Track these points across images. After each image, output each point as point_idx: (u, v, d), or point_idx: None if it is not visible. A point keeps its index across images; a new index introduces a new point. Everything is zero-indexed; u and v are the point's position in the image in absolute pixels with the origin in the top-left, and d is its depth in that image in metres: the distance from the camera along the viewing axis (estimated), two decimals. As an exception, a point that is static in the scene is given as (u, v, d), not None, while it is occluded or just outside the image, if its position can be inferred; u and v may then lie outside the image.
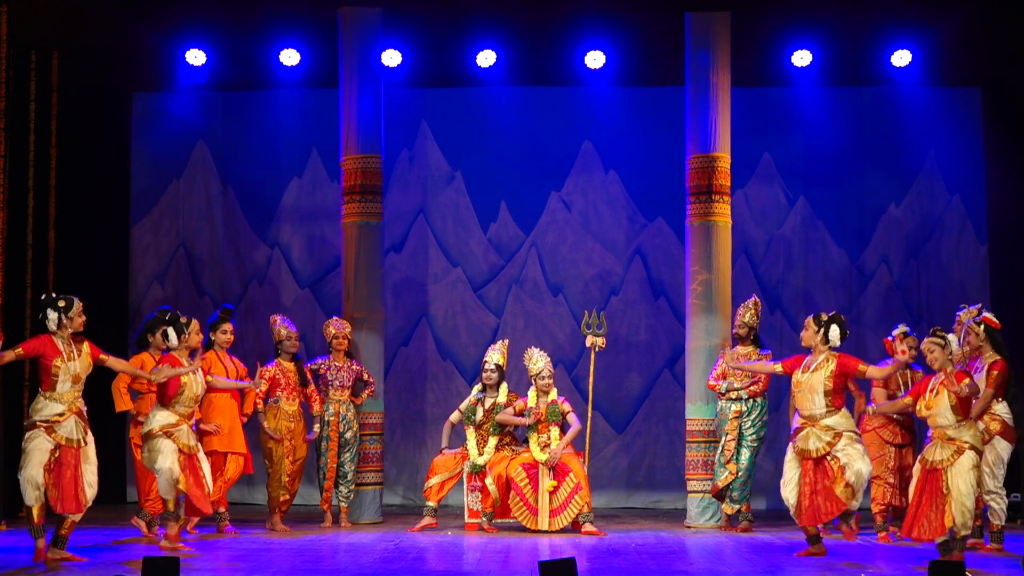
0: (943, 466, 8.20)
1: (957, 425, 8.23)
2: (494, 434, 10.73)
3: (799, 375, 8.85)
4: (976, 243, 13.02)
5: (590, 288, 13.27)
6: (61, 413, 8.51)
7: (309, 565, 8.44)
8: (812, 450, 8.69)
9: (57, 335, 8.58)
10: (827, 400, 8.70)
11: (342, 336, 11.01)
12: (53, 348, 8.54)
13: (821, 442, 8.67)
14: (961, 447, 8.19)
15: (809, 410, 8.74)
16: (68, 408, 8.54)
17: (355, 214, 11.48)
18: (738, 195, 12.58)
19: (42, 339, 8.60)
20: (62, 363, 8.51)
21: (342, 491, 10.98)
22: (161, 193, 13.43)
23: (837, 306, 12.89)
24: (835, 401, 8.73)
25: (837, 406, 8.73)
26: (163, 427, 8.99)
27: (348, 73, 11.55)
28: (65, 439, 8.51)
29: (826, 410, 8.70)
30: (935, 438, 8.30)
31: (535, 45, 12.78)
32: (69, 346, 8.59)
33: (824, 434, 8.67)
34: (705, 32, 11.37)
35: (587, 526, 10.32)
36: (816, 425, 8.70)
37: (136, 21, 12.18)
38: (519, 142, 13.33)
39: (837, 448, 8.63)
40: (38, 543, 8.46)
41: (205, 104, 13.37)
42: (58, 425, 8.49)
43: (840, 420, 8.70)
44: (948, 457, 8.19)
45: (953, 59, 12.58)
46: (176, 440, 8.97)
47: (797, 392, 8.85)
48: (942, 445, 8.25)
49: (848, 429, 8.70)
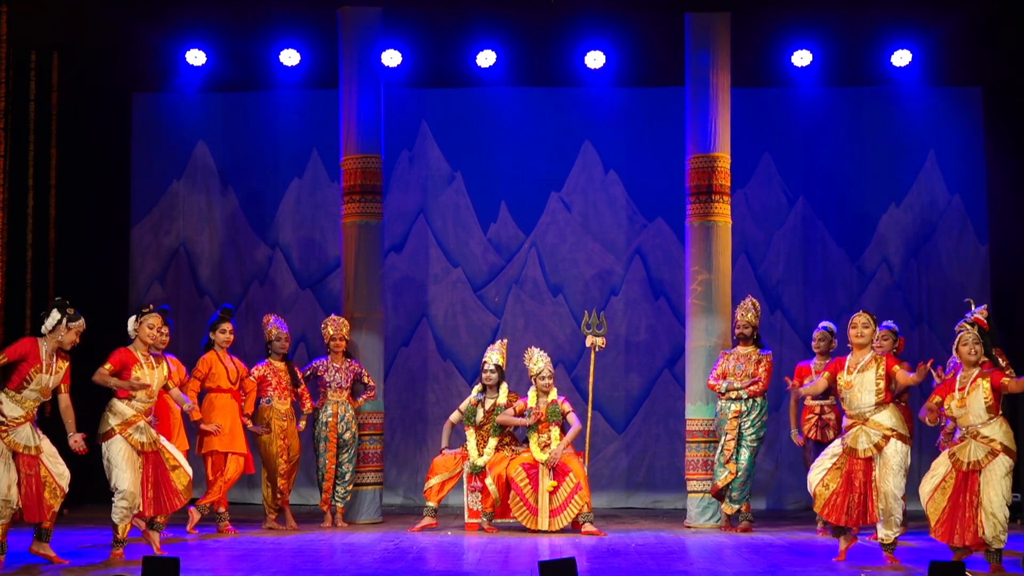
0: (979, 468, 8.10)
1: (989, 422, 8.13)
2: (494, 435, 10.73)
3: (845, 376, 8.70)
4: (976, 243, 13.02)
5: (590, 288, 13.27)
6: (17, 418, 8.33)
7: (309, 565, 8.44)
8: (860, 450, 8.57)
9: (44, 340, 8.42)
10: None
11: (340, 337, 11.02)
12: (35, 355, 8.37)
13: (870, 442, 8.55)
14: (995, 449, 8.09)
15: (858, 408, 8.62)
16: (26, 415, 8.37)
17: (355, 214, 11.48)
18: (738, 195, 12.58)
19: (26, 343, 8.45)
20: (37, 373, 8.35)
21: (339, 491, 10.98)
22: (161, 193, 13.43)
23: (837, 306, 12.91)
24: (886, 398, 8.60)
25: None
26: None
27: (348, 73, 11.55)
28: (23, 447, 8.31)
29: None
30: (967, 436, 8.17)
31: (535, 45, 12.79)
32: (51, 358, 8.42)
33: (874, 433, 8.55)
34: (705, 32, 11.37)
35: (587, 526, 10.32)
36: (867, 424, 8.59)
37: (136, 21, 12.19)
38: (519, 142, 13.34)
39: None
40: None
41: (205, 104, 13.37)
42: (11, 430, 8.30)
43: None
44: (984, 458, 8.11)
45: (953, 59, 12.58)
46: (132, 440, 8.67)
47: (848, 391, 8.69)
48: (976, 445, 8.14)
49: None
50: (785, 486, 12.88)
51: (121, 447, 8.58)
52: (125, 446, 8.59)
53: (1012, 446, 8.14)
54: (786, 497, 12.87)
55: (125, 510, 8.58)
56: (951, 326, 9.62)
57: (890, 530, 8.51)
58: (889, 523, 8.49)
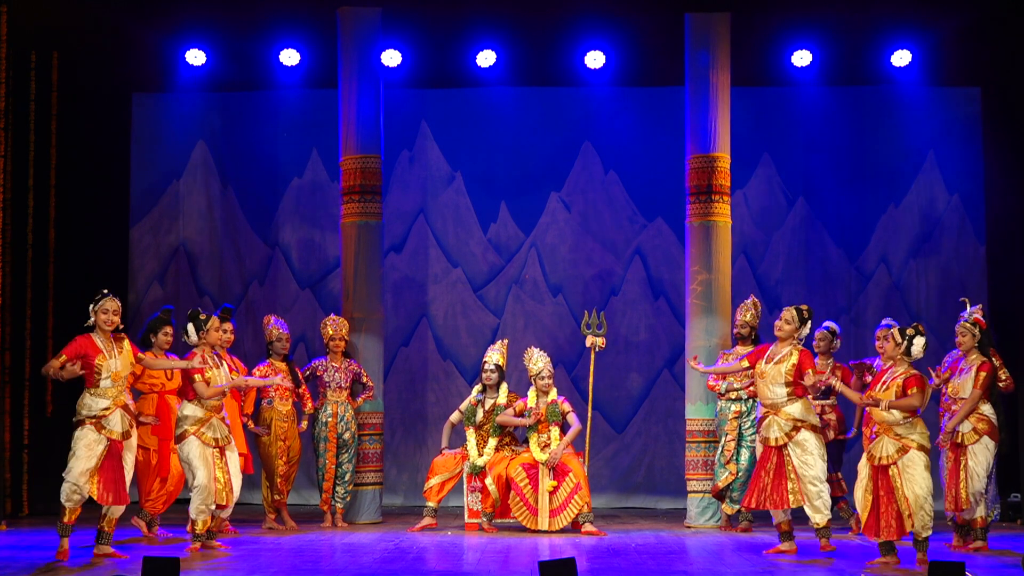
0: (889, 463, 8.39)
1: (903, 422, 8.39)
2: (494, 435, 10.73)
3: (762, 365, 9.12)
4: (975, 243, 13.02)
5: (590, 288, 13.27)
6: (106, 408, 8.66)
7: (309, 565, 8.45)
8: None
9: (96, 332, 8.73)
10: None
11: (339, 337, 11.02)
12: (93, 347, 8.65)
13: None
14: (907, 446, 8.35)
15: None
16: (114, 403, 8.71)
17: (355, 214, 11.49)
18: (738, 195, 12.59)
19: (77, 340, 8.71)
20: (103, 361, 8.66)
21: (339, 492, 10.98)
22: (161, 193, 13.43)
23: (836, 307, 12.92)
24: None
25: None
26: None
27: (348, 73, 11.55)
28: (119, 433, 8.71)
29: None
30: (880, 433, 8.46)
31: (535, 45, 12.78)
32: (108, 344, 8.75)
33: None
34: (705, 32, 11.37)
35: (587, 526, 10.33)
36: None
37: (136, 21, 12.19)
38: (519, 142, 13.34)
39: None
40: (64, 543, 8.58)
41: (205, 104, 13.37)
42: (104, 419, 8.66)
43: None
44: (893, 454, 8.38)
45: (953, 59, 12.58)
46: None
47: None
48: (889, 441, 8.41)
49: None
50: (785, 486, 12.87)
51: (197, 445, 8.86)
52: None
53: (928, 445, 8.42)
54: (786, 497, 12.85)
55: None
56: (950, 326, 9.65)
57: (819, 514, 8.92)
58: (816, 507, 8.91)
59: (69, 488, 8.58)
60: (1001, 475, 10.59)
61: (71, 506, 8.60)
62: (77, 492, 8.58)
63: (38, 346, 11.67)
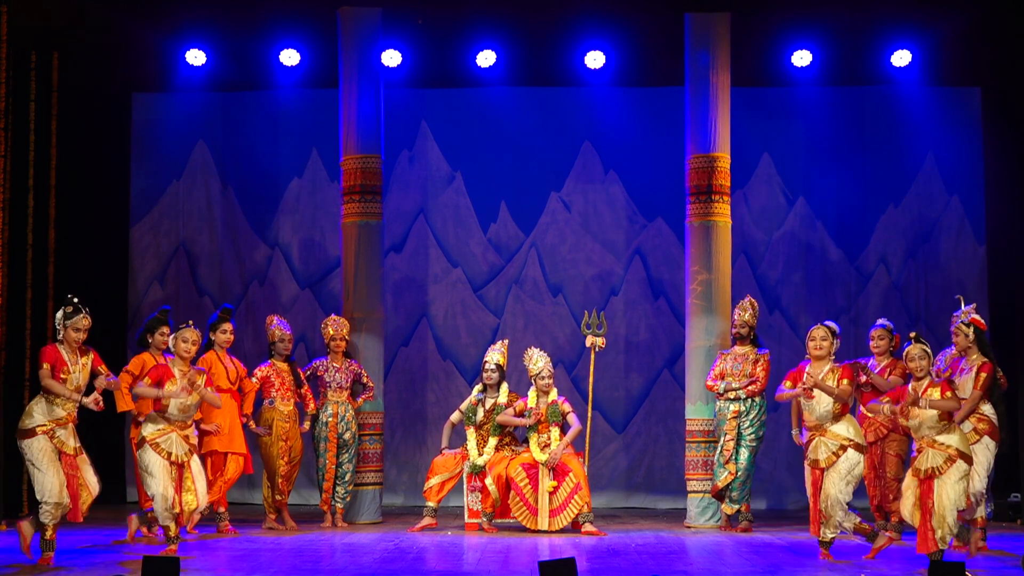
0: (936, 475, 8.17)
1: (943, 430, 8.20)
2: (494, 434, 10.73)
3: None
4: (975, 243, 13.03)
5: (590, 288, 13.27)
6: (60, 418, 8.49)
7: (309, 565, 8.45)
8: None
9: (60, 343, 8.56)
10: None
11: (340, 337, 11.02)
12: (58, 358, 8.48)
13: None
14: (952, 456, 8.16)
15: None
16: (67, 416, 8.57)
17: (355, 214, 11.49)
18: (738, 195, 12.59)
19: (46, 350, 8.55)
20: (66, 375, 8.50)
21: (339, 492, 10.98)
22: (161, 193, 13.43)
23: (836, 307, 12.92)
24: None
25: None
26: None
27: (348, 73, 11.55)
28: (71, 447, 8.55)
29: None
30: (923, 446, 8.24)
31: (535, 45, 12.79)
32: (73, 356, 8.55)
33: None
34: (705, 32, 11.37)
35: (587, 526, 10.33)
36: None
37: (136, 21, 12.18)
38: (519, 142, 13.34)
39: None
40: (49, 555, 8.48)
41: (205, 104, 13.37)
42: (57, 428, 8.50)
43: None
44: (941, 465, 8.17)
45: (953, 59, 12.58)
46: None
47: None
48: (933, 453, 8.19)
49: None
50: (785, 486, 12.88)
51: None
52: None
53: (968, 452, 8.24)
54: (786, 497, 12.86)
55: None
56: (949, 326, 9.64)
57: (827, 529, 8.73)
58: (828, 524, 8.70)
59: (52, 509, 8.36)
60: (1001, 475, 10.60)
61: (55, 522, 8.43)
62: (60, 507, 8.39)
63: (37, 346, 11.60)
